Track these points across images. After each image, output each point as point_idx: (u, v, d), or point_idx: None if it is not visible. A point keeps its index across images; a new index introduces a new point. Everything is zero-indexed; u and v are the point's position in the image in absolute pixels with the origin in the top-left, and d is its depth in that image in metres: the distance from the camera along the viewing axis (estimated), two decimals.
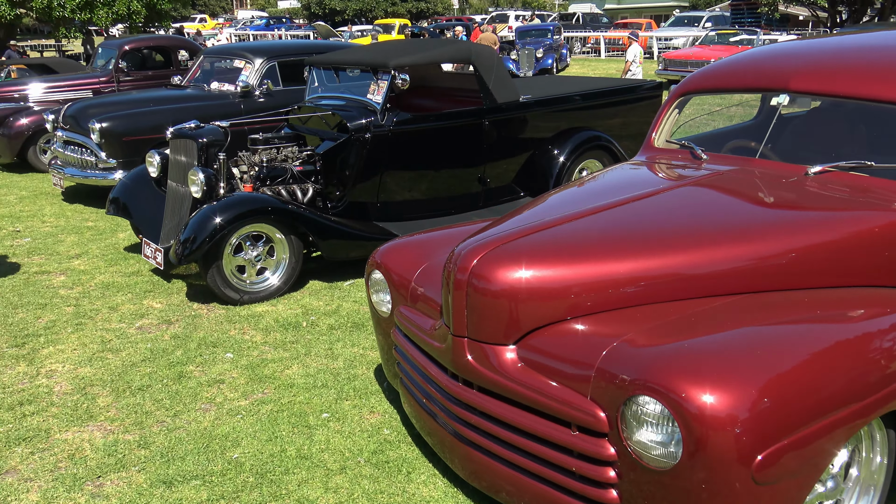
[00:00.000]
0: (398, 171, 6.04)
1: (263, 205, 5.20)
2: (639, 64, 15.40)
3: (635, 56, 15.29)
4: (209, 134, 5.54)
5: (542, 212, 3.11)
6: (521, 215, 3.09)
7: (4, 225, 7.46)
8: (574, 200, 3.25)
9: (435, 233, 3.63)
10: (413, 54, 6.04)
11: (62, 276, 5.88)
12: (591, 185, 3.56)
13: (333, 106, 6.22)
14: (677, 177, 3.48)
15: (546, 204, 3.26)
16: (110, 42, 11.70)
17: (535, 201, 3.32)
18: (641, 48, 15.75)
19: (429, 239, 3.52)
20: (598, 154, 7.01)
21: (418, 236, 3.60)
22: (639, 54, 15.30)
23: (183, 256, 4.95)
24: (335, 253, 5.53)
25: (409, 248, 3.42)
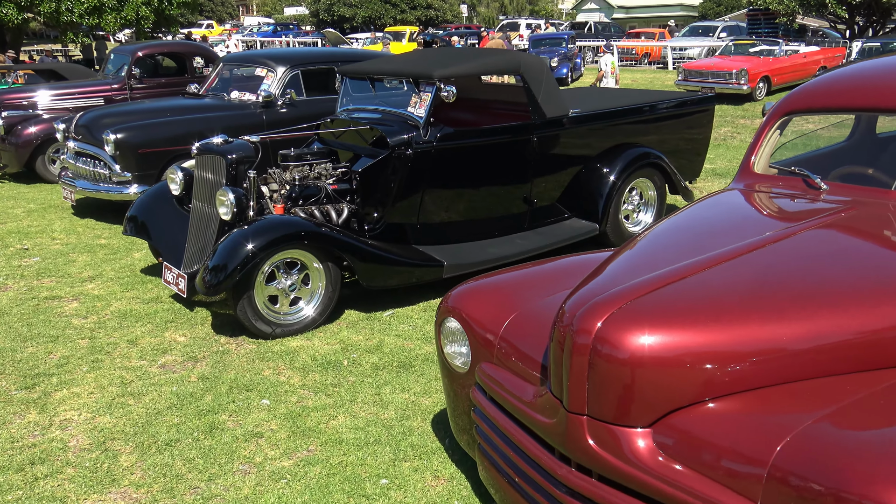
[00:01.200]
0: (440, 191, 5.56)
1: (299, 230, 4.71)
2: (612, 73, 15.18)
3: (607, 65, 15.14)
4: (238, 150, 5.06)
5: (655, 257, 2.62)
6: (631, 261, 2.60)
7: (11, 242, 6.98)
8: (687, 243, 2.76)
9: (514, 274, 3.13)
10: (459, 64, 5.57)
11: (75, 301, 5.39)
12: (698, 221, 3.06)
13: (370, 119, 5.75)
14: (803, 213, 2.98)
15: (654, 246, 2.77)
16: (123, 48, 11.25)
17: (637, 242, 2.83)
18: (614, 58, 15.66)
19: (510, 282, 3.03)
20: (649, 172, 6.53)
21: (496, 279, 3.10)
22: (611, 64, 15.19)
23: (212, 286, 4.47)
24: (375, 281, 5.04)
25: (489, 293, 2.93)
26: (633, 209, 6.59)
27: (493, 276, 3.15)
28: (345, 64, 8.56)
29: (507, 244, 5.84)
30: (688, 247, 2.69)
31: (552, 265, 3.22)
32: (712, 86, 18.53)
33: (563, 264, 3.22)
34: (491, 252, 5.67)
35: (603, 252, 3.38)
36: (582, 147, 6.30)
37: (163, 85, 10.81)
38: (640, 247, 2.75)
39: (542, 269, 3.15)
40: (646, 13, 61.28)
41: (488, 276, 3.13)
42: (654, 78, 24.06)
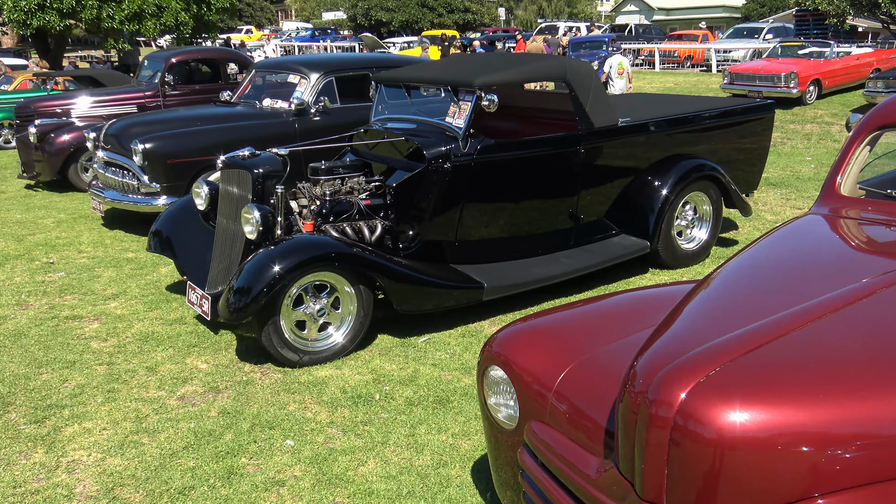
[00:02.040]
0: (480, 206, 5.19)
1: (330, 251, 4.38)
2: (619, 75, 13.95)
3: (612, 67, 13.96)
4: (266, 163, 4.75)
5: (740, 304, 2.21)
6: (711, 309, 2.20)
7: (38, 255, 6.79)
8: (776, 286, 2.34)
9: (568, 314, 2.74)
10: (501, 72, 5.19)
11: (96, 322, 5.14)
12: (783, 257, 2.63)
13: (406, 130, 5.41)
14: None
15: (736, 289, 2.36)
16: (157, 54, 11.11)
17: (713, 282, 2.42)
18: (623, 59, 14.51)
19: (564, 324, 2.64)
20: (704, 185, 6.08)
21: (547, 320, 2.72)
22: (618, 65, 13.97)
23: (236, 311, 4.15)
24: (410, 305, 4.69)
25: (540, 338, 2.55)
26: (686, 225, 6.15)
27: (545, 316, 2.76)
28: (380, 70, 8.30)
29: (551, 263, 5.45)
30: (777, 291, 2.28)
31: (612, 303, 2.83)
32: (760, 89, 17.88)
33: (624, 302, 2.82)
34: (534, 272, 5.28)
35: (669, 287, 2.97)
36: (632, 159, 5.88)
37: (196, 92, 10.63)
38: (719, 289, 2.34)
39: (601, 309, 2.76)
40: (687, 14, 60.14)
41: (539, 317, 2.74)
42: (698, 81, 23.36)
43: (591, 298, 2.94)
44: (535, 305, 5.34)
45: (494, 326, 5.03)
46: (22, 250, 6.92)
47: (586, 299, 2.91)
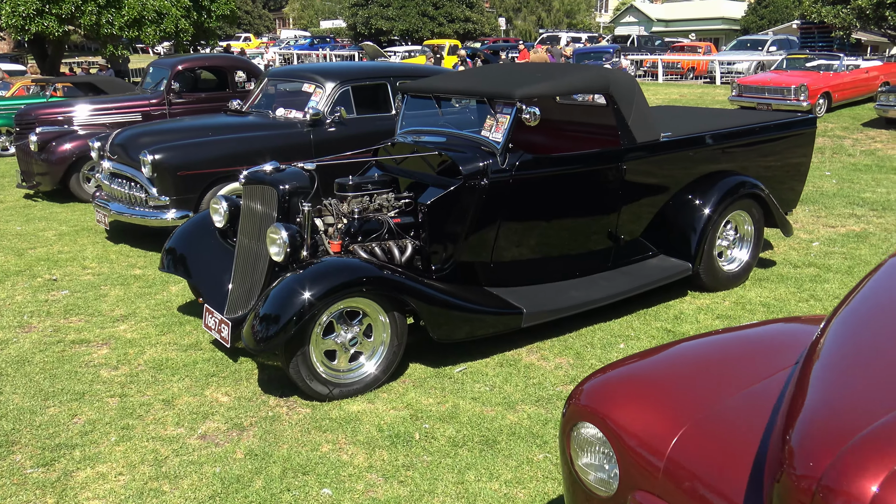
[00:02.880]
0: (517, 225, 4.87)
1: (364, 275, 4.04)
2: None
3: None
4: (292, 179, 4.42)
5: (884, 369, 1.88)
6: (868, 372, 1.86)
7: (40, 271, 6.43)
8: None
9: (668, 358, 2.41)
10: (542, 82, 4.88)
11: (105, 347, 4.78)
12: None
13: (437, 144, 5.09)
14: None
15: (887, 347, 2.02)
16: (162, 61, 10.78)
17: (849, 329, 2.09)
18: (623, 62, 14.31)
19: (666, 373, 2.31)
20: (746, 204, 5.78)
21: (644, 367, 2.38)
22: None
23: (263, 341, 3.81)
24: (448, 334, 4.35)
25: (642, 390, 2.21)
26: (727, 245, 5.84)
27: (641, 361, 2.43)
28: (399, 79, 7.98)
29: (590, 286, 5.12)
30: None
31: (717, 346, 2.49)
32: (769, 102, 17.69)
33: (731, 345, 2.49)
34: (573, 296, 4.96)
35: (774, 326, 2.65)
36: (673, 176, 5.56)
37: (203, 100, 10.31)
38: (864, 342, 2.01)
39: (706, 353, 2.42)
40: (686, 26, 60.14)
41: (634, 363, 2.40)
42: (703, 93, 23.15)
43: (691, 339, 2.59)
44: (574, 331, 5.01)
45: (532, 354, 4.70)
46: (23, 265, 6.56)
47: (684, 340, 2.57)
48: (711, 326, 5.12)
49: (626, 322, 5.21)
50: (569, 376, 4.39)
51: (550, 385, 4.28)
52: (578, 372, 4.45)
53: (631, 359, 2.47)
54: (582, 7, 61.94)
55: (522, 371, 4.47)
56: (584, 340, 4.91)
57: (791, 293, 5.71)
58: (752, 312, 5.35)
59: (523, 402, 4.08)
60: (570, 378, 4.36)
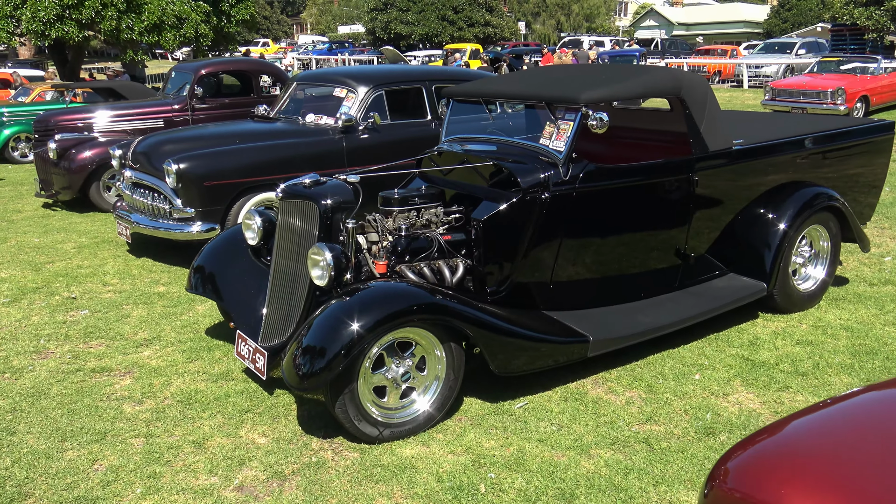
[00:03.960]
0: (580, 242, 4.42)
1: (418, 302, 3.59)
2: None
3: None
4: (335, 193, 3.98)
5: None
6: None
7: (58, 288, 6.04)
8: None
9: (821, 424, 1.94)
10: (609, 86, 4.41)
11: (127, 376, 4.36)
12: None
13: (489, 153, 4.64)
14: None
15: None
16: (185, 65, 10.42)
17: None
18: None
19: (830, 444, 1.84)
20: (823, 217, 5.28)
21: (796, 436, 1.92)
22: None
23: (307, 377, 3.36)
24: (512, 366, 3.89)
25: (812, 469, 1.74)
26: (801, 263, 5.34)
27: (792, 430, 1.95)
28: (435, 83, 7.56)
29: (657, 310, 4.65)
30: None
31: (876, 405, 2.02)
32: (804, 105, 17.13)
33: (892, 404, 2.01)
34: (641, 321, 4.48)
35: None
36: (744, 187, 5.08)
37: (226, 106, 9.93)
38: None
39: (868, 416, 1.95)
40: (707, 29, 59.49)
41: (783, 433, 1.93)
42: (732, 97, 22.61)
43: (837, 400, 2.12)
44: (641, 359, 4.54)
45: (598, 386, 4.23)
46: (40, 282, 6.17)
47: (846, 396, 2.09)
48: (792, 353, 4.62)
49: (696, 349, 4.73)
50: (643, 413, 3.92)
51: (625, 424, 3.81)
52: (653, 408, 3.97)
53: (777, 427, 2.00)
54: (601, 11, 61.35)
55: (590, 407, 4.00)
56: (654, 370, 4.43)
57: (873, 315, 5.20)
58: (835, 337, 4.85)
59: (597, 444, 3.61)
60: (646, 415, 3.89)
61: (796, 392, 4.14)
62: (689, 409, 3.98)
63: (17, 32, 23.02)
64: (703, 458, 3.49)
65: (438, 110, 5.35)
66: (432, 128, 7.46)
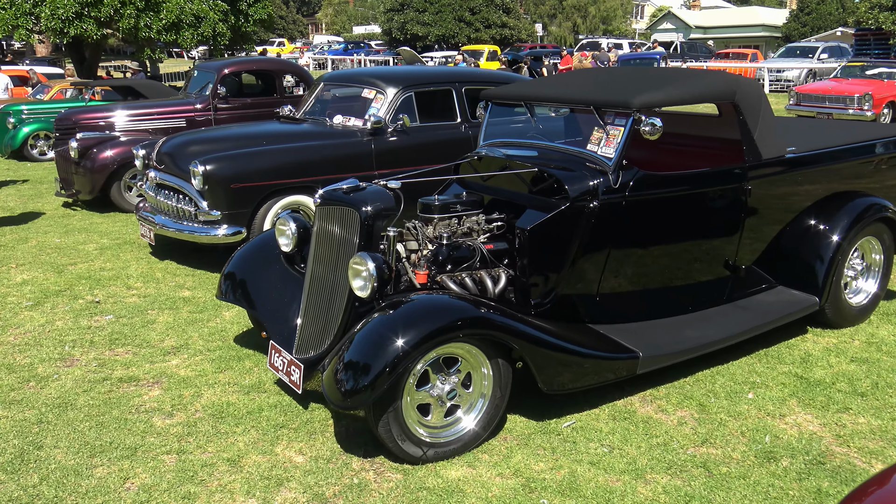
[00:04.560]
0: (629, 253, 4.23)
1: (466, 316, 3.40)
2: None
3: None
4: (375, 200, 3.80)
5: None
6: None
7: (81, 291, 5.90)
8: None
9: None
10: (661, 89, 4.21)
11: (156, 387, 4.20)
12: None
13: (531, 159, 4.46)
14: None
15: None
16: (207, 64, 10.30)
17: None
18: None
19: None
20: (877, 229, 5.06)
21: None
22: None
23: (350, 396, 3.18)
24: (561, 384, 3.70)
25: None
26: (853, 276, 5.12)
27: None
28: (465, 85, 7.38)
29: (706, 324, 4.45)
30: None
31: None
32: (829, 111, 16.85)
33: None
34: (690, 336, 4.28)
35: None
36: (795, 197, 4.88)
37: (249, 105, 9.80)
38: None
39: None
40: (725, 33, 59.03)
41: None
42: None
43: None
44: (689, 376, 4.35)
45: (647, 404, 4.03)
46: (63, 284, 6.03)
47: None
48: (846, 371, 4.41)
49: (746, 365, 4.52)
50: (698, 435, 3.72)
51: (679, 446, 3.61)
52: (708, 429, 3.77)
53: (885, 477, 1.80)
54: (618, 14, 61.04)
55: (641, 427, 3.80)
56: (704, 388, 4.23)
57: None
58: (891, 355, 4.63)
59: (653, 469, 3.42)
60: (701, 437, 3.69)
61: (857, 414, 3.93)
62: (745, 430, 3.77)
63: (36, 30, 22.99)
64: (767, 486, 3.29)
65: (477, 113, 5.15)
66: (462, 131, 7.29)
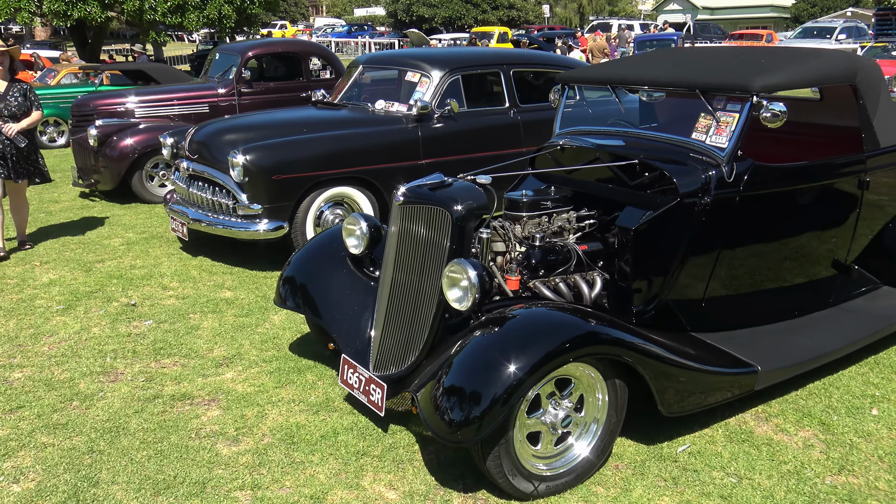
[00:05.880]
0: (738, 254, 3.80)
1: (585, 334, 2.97)
2: None
3: None
4: (467, 197, 3.34)
5: None
6: None
7: (113, 291, 5.46)
8: None
9: None
10: (781, 70, 3.74)
11: (214, 406, 3.77)
12: None
13: (622, 149, 4.01)
14: None
15: None
16: (230, 47, 9.81)
17: None
18: None
19: None
20: None
21: None
22: None
23: (461, 428, 2.75)
24: (683, 406, 3.27)
25: None
26: None
27: None
28: (514, 67, 6.92)
29: (817, 331, 4.02)
30: None
31: None
32: None
33: None
34: (804, 346, 3.85)
35: None
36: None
37: (274, 90, 9.32)
38: None
39: None
40: (733, 14, 58.20)
41: None
42: None
43: None
44: (799, 387, 3.95)
45: (762, 422, 3.62)
46: (93, 285, 5.59)
47: None
48: None
49: (858, 375, 4.10)
50: (832, 461, 3.30)
51: (814, 475, 3.20)
52: (840, 453, 3.36)
53: None
54: None
55: (763, 451, 3.39)
56: (820, 402, 3.81)
57: None
58: None
59: (792, 503, 3.00)
60: (836, 464, 3.27)
61: None
62: (882, 455, 3.36)
63: (39, 13, 22.40)
64: None
65: (550, 97, 4.70)
66: (511, 116, 6.84)
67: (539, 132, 6.89)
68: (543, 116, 6.98)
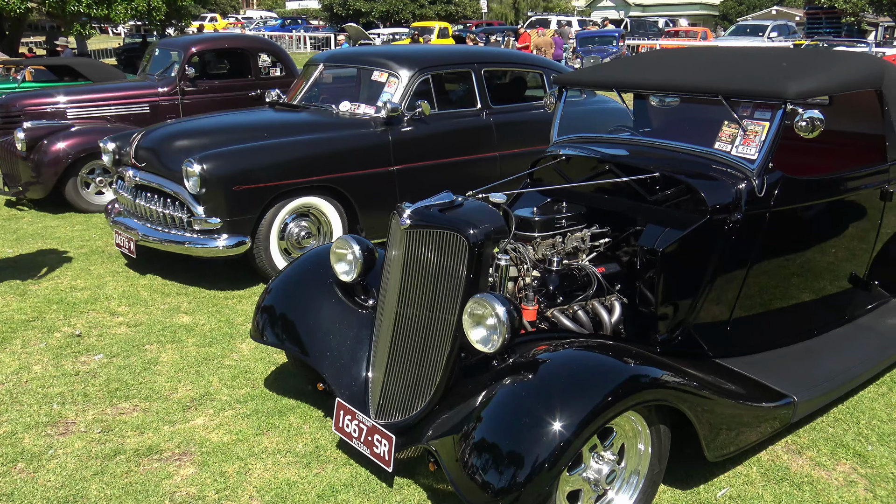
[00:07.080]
0: (767, 273, 3.52)
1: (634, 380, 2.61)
2: None
3: None
4: (482, 220, 2.94)
5: None
6: None
7: (54, 319, 4.84)
8: None
9: None
10: (812, 75, 3.45)
11: (187, 462, 3.26)
12: None
13: (633, 159, 3.67)
14: None
15: None
16: (172, 41, 9.11)
17: None
18: None
19: None
20: None
21: None
22: None
23: (501, 495, 2.35)
24: (726, 450, 2.95)
25: None
26: None
27: None
28: (488, 66, 6.54)
29: (839, 352, 3.80)
30: None
31: None
32: None
33: None
34: (833, 369, 3.62)
35: None
36: None
37: (218, 89, 8.69)
38: None
39: None
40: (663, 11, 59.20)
41: None
42: None
43: None
44: (823, 414, 3.68)
45: (795, 456, 3.34)
46: (30, 311, 4.95)
47: None
48: None
49: (879, 397, 3.89)
50: (879, 500, 3.04)
51: None
52: (886, 491, 3.10)
53: None
54: None
55: (806, 491, 3.10)
56: (849, 429, 3.57)
57: None
58: None
59: None
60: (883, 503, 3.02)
61: None
62: None
63: None
64: None
65: (545, 102, 4.33)
66: (483, 118, 6.45)
67: (512, 134, 6.55)
68: (516, 118, 6.65)
